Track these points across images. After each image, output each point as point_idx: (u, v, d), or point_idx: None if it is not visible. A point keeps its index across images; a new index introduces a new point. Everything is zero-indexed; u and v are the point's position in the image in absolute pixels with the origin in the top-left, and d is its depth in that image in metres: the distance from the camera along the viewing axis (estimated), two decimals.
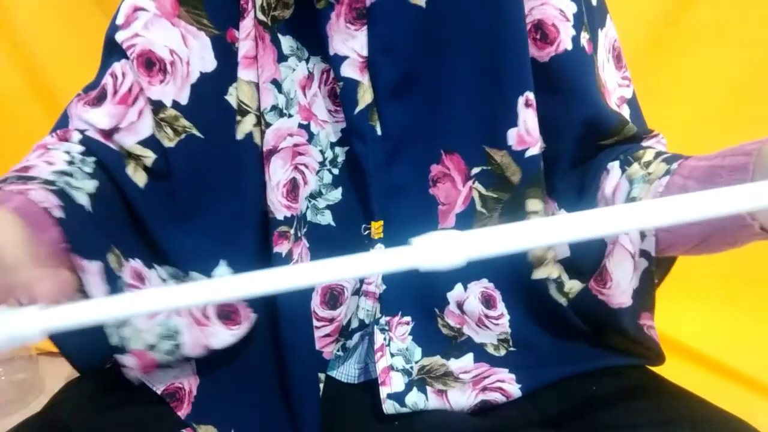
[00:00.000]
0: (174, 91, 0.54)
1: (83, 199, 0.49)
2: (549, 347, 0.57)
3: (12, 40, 1.05)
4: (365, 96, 0.54)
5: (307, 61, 0.56)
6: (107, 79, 0.55)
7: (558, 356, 0.57)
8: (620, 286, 0.51)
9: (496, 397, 0.56)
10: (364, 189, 0.56)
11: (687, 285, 0.97)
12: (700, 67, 1.06)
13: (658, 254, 0.50)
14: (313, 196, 0.57)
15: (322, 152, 0.57)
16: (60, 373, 1.05)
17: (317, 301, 0.57)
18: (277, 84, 0.54)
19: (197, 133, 0.55)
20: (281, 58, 0.55)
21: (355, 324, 0.59)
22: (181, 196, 0.56)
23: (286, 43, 0.55)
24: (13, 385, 1.02)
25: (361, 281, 0.58)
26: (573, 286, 0.56)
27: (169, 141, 0.54)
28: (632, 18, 1.00)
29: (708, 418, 0.48)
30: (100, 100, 0.55)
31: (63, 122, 0.56)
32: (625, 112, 0.58)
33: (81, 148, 0.53)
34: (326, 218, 0.58)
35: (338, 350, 0.61)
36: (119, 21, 0.54)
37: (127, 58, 0.54)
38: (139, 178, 0.55)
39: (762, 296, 1.09)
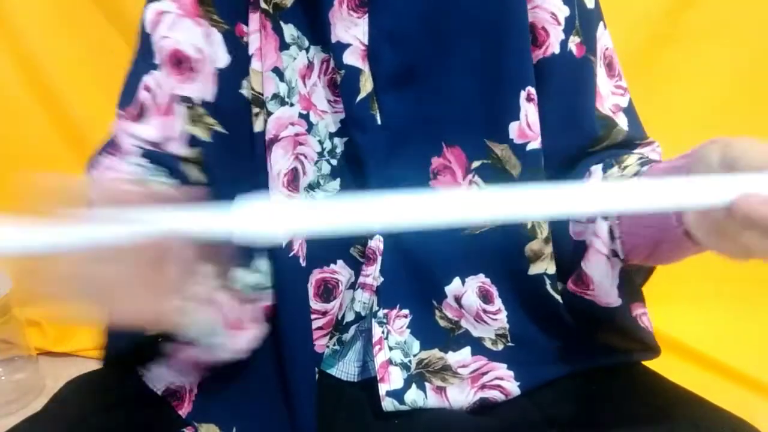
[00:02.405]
0: (201, 88, 0.55)
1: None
2: (547, 344, 0.57)
3: (12, 40, 1.05)
4: (366, 84, 0.54)
5: (307, 50, 0.56)
6: (143, 94, 0.56)
7: (556, 353, 0.57)
8: (603, 287, 0.52)
9: (495, 395, 0.56)
10: (363, 180, 0.56)
11: (686, 285, 0.98)
12: (700, 67, 1.06)
13: (626, 258, 0.51)
14: (311, 187, 0.57)
15: (320, 142, 0.57)
16: (60, 373, 1.05)
17: (311, 293, 0.57)
18: (278, 72, 0.55)
19: (221, 129, 0.56)
20: (283, 46, 0.55)
21: (350, 317, 0.59)
22: (214, 190, 0.56)
23: (288, 31, 0.55)
24: (13, 385, 1.02)
25: (357, 274, 0.58)
26: (560, 285, 0.57)
27: (205, 137, 0.55)
28: (632, 18, 1.01)
29: (708, 418, 0.48)
30: (142, 115, 0.56)
31: (110, 143, 0.57)
32: (622, 120, 0.58)
33: (140, 159, 0.55)
34: None
35: (334, 344, 0.61)
36: (148, 29, 0.55)
37: (155, 68, 0.55)
38: (195, 175, 0.56)
39: (762, 296, 1.09)
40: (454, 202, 0.29)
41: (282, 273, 0.55)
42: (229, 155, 0.56)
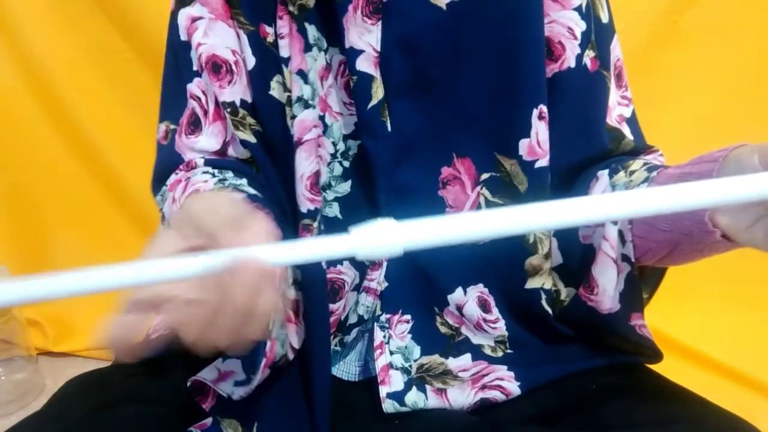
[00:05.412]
0: (241, 90, 0.56)
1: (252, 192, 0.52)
2: (546, 349, 0.57)
3: (12, 40, 1.05)
4: (378, 91, 0.54)
5: (326, 51, 0.56)
6: (191, 103, 0.57)
7: (556, 354, 0.57)
8: (607, 292, 0.52)
9: (496, 395, 0.56)
10: (373, 185, 0.56)
11: (687, 285, 0.98)
12: (700, 67, 1.06)
13: (637, 262, 0.50)
14: (323, 188, 0.57)
15: (334, 144, 0.57)
16: (60, 373, 1.05)
17: None
18: (303, 75, 0.55)
19: (260, 129, 0.56)
20: (307, 47, 0.55)
21: (353, 319, 0.59)
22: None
23: (311, 32, 0.55)
24: (13, 385, 1.03)
25: (362, 277, 0.58)
26: (569, 293, 0.57)
27: (251, 138, 0.56)
28: (632, 18, 1.01)
29: (708, 418, 0.48)
30: (196, 125, 0.56)
31: (177, 158, 0.58)
32: (626, 131, 0.58)
33: (205, 168, 0.55)
34: (334, 210, 0.58)
35: (336, 345, 0.61)
36: (184, 37, 0.56)
37: (198, 75, 0.56)
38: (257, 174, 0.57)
39: (762, 296, 1.09)
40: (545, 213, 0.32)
41: (309, 272, 0.55)
42: (269, 156, 0.57)
